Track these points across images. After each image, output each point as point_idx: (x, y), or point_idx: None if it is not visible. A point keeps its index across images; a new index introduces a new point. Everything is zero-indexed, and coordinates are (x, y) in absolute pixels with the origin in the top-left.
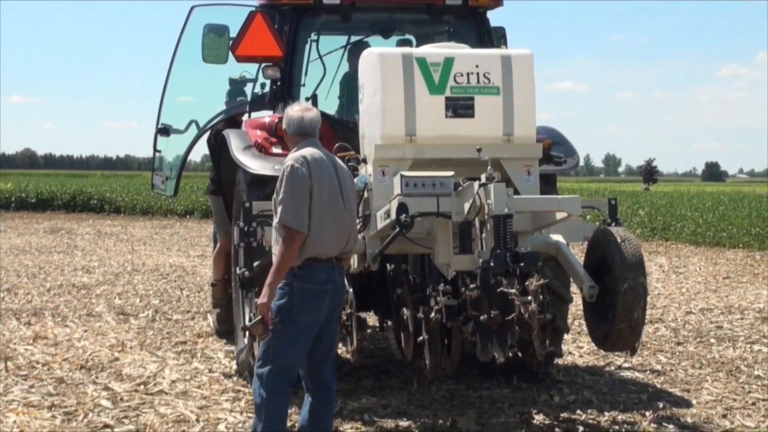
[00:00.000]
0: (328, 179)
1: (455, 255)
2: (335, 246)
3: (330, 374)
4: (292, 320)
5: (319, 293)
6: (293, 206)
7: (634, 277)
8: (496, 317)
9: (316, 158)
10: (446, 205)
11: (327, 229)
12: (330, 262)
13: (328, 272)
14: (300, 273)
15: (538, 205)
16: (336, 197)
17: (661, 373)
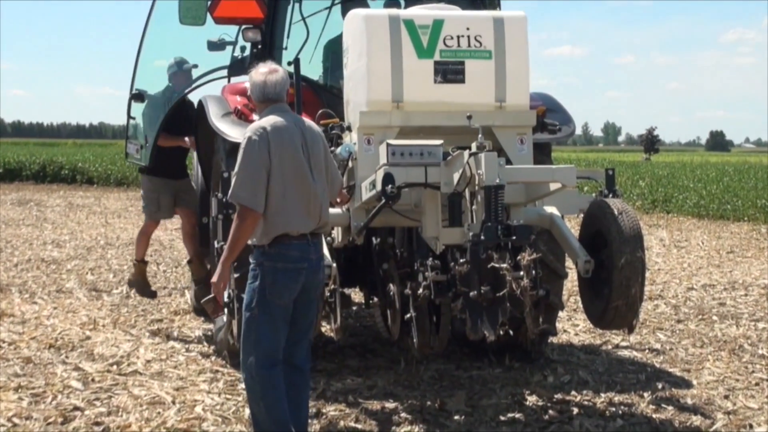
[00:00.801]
0: (291, 151)
1: (444, 228)
2: (306, 221)
3: (303, 357)
4: (265, 303)
5: (292, 272)
6: (246, 182)
7: (631, 251)
8: (486, 293)
9: (278, 128)
10: (435, 176)
11: (292, 205)
12: (303, 238)
13: (302, 249)
14: (270, 252)
15: (532, 176)
16: (302, 170)
17: (660, 353)
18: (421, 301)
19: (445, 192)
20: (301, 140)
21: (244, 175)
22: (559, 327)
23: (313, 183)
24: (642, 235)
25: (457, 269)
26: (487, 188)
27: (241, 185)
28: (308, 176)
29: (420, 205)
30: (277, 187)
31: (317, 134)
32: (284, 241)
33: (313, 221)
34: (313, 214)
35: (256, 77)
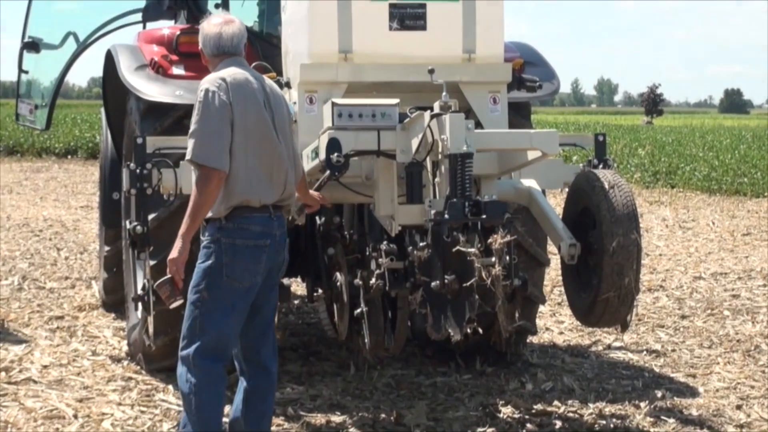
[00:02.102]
0: (255, 107)
1: (401, 205)
2: (269, 190)
3: (270, 354)
4: (221, 285)
5: (254, 250)
6: (207, 138)
7: (625, 233)
8: (451, 284)
9: (239, 80)
10: (389, 142)
11: (256, 169)
12: (266, 210)
13: (264, 223)
14: (228, 225)
15: (506, 142)
16: (266, 129)
17: (660, 354)
18: (374, 293)
19: (402, 161)
20: (263, 97)
21: (204, 130)
22: (539, 324)
23: (279, 145)
24: (637, 214)
25: (416, 255)
26: (453, 157)
27: (202, 143)
28: (274, 136)
29: (372, 178)
30: (238, 146)
31: (281, 96)
32: (244, 214)
33: (277, 190)
34: (278, 182)
35: (209, 29)
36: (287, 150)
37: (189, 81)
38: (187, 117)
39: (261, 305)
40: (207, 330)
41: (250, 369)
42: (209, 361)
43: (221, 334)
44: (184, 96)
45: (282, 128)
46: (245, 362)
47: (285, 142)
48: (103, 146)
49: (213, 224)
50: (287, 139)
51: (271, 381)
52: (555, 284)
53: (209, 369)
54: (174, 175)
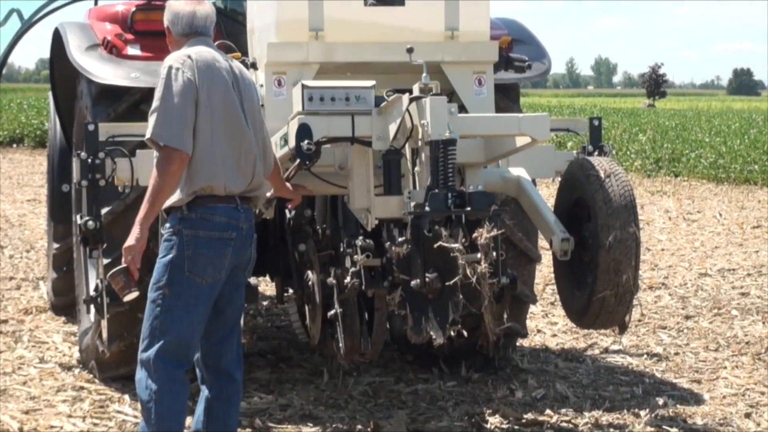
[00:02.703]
0: (222, 87)
1: (377, 197)
2: (236, 177)
3: (234, 360)
4: (183, 281)
5: (218, 243)
6: (170, 117)
7: (622, 226)
8: (433, 282)
9: (206, 59)
10: (365, 128)
11: (222, 154)
12: (232, 201)
13: (230, 214)
14: (190, 216)
15: (492, 127)
16: (234, 112)
17: (662, 358)
18: (349, 293)
19: (379, 149)
20: (232, 78)
21: (166, 108)
22: (530, 326)
23: (248, 131)
24: (635, 205)
25: (394, 251)
26: (434, 144)
27: (164, 121)
28: (242, 120)
29: (346, 167)
30: (203, 128)
31: (249, 78)
32: (208, 203)
33: (245, 179)
34: (246, 170)
35: (181, 7)
36: (256, 137)
37: (145, 62)
38: (144, 101)
39: (224, 306)
40: (168, 330)
41: (212, 376)
42: (171, 366)
43: (183, 335)
44: (140, 78)
45: (251, 113)
46: (206, 369)
47: (254, 128)
48: (52, 134)
49: (174, 215)
50: (257, 124)
51: (235, 389)
52: (547, 282)
53: (171, 374)
54: (129, 165)
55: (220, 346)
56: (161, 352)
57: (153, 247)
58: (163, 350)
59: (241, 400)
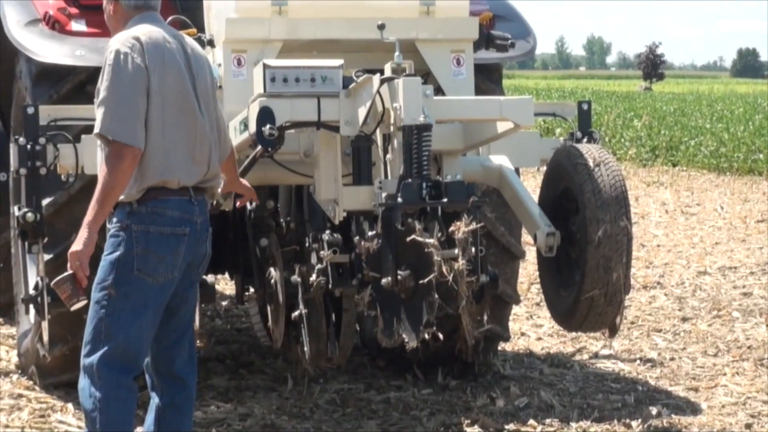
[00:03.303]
0: (174, 71)
1: (346, 187)
2: (190, 169)
3: (187, 364)
4: (131, 281)
5: (170, 239)
6: (120, 109)
7: (613, 220)
8: (406, 280)
9: (155, 40)
10: (332, 111)
11: (175, 145)
12: (185, 193)
13: (183, 208)
14: (140, 210)
15: (472, 111)
16: (187, 97)
17: (656, 364)
18: (315, 292)
19: (347, 135)
20: (184, 59)
21: (115, 100)
22: (513, 329)
23: (201, 117)
24: (627, 196)
25: (364, 246)
26: (408, 129)
27: (114, 114)
28: (195, 106)
29: (312, 155)
30: (155, 118)
31: (203, 58)
32: (159, 197)
33: (200, 169)
34: (200, 160)
35: None
36: (210, 122)
37: (92, 39)
38: (90, 82)
39: (177, 307)
40: (114, 334)
41: (164, 382)
42: (117, 372)
43: (131, 339)
44: (85, 57)
45: (205, 96)
46: (157, 374)
47: (208, 112)
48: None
49: (122, 209)
50: (210, 109)
51: (188, 396)
52: (532, 281)
53: (117, 381)
54: (74, 152)
55: (172, 350)
56: (106, 357)
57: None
58: (109, 355)
59: (197, 409)
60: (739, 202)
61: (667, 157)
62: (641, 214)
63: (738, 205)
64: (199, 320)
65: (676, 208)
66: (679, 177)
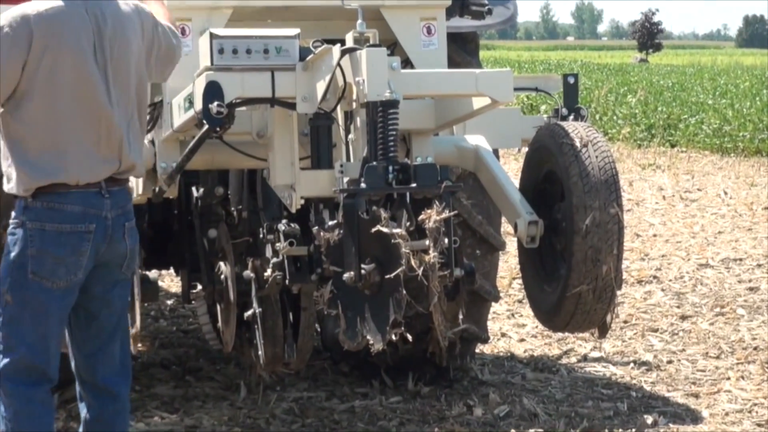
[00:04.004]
0: (74, 54)
1: (303, 171)
2: (96, 165)
3: (116, 373)
4: (27, 286)
5: (71, 238)
6: None
7: (602, 206)
8: (370, 275)
9: (53, 16)
10: (287, 86)
11: (74, 140)
12: (94, 186)
13: (87, 201)
14: (35, 205)
15: (444, 85)
16: (88, 86)
17: (652, 367)
18: (270, 289)
19: (305, 113)
20: (92, 36)
21: None
22: (492, 329)
23: (108, 103)
24: (618, 180)
25: (323, 237)
26: (372, 106)
27: None
28: (100, 95)
29: (265, 135)
30: (43, 109)
31: (124, 25)
32: (58, 190)
33: (109, 162)
34: (109, 155)
35: None
36: (125, 108)
37: None
38: None
39: (98, 311)
40: (15, 346)
41: (90, 394)
42: (25, 386)
43: (35, 350)
44: None
45: (120, 75)
46: (82, 385)
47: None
48: None
49: (19, 203)
50: (129, 90)
51: (119, 409)
52: (513, 275)
53: (26, 395)
54: None
55: (94, 358)
56: (9, 371)
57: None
58: (12, 369)
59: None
60: (744, 186)
61: (665, 137)
62: (635, 200)
63: (743, 190)
64: (141, 321)
65: (674, 194)
66: (677, 159)
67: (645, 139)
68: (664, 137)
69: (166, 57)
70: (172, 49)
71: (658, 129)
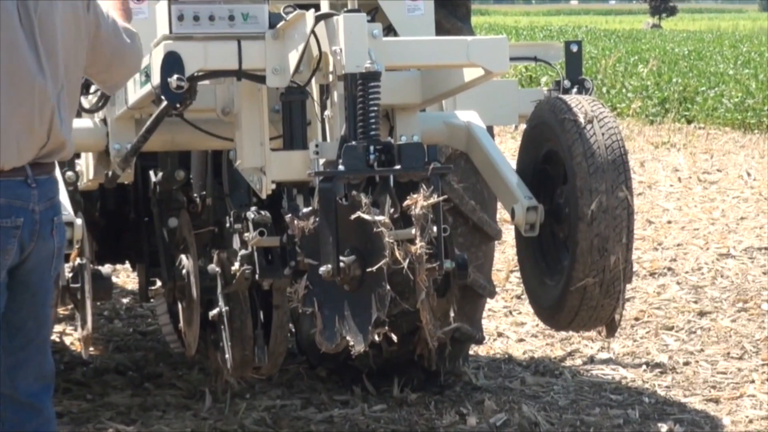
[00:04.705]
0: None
1: (274, 152)
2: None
3: (37, 387)
4: None
5: None
6: None
7: (609, 189)
8: (350, 268)
9: None
10: (256, 57)
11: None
12: (19, 173)
13: (14, 193)
14: None
15: (431, 55)
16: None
17: (667, 370)
18: (238, 284)
19: (276, 87)
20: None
21: None
22: (488, 328)
23: (41, 77)
24: (627, 160)
25: (298, 226)
26: (351, 78)
27: None
28: (31, 63)
29: (231, 112)
30: None
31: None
32: None
33: (37, 141)
34: (39, 130)
35: None
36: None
37: None
38: None
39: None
40: None
41: (9, 409)
42: None
43: None
44: None
45: (48, 39)
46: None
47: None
48: None
49: None
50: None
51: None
52: (511, 268)
53: None
54: None
55: (16, 372)
56: None
57: None
58: None
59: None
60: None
61: (680, 112)
62: (648, 182)
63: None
64: (93, 322)
65: (691, 175)
66: (694, 136)
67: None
68: (680, 112)
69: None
70: (123, 47)
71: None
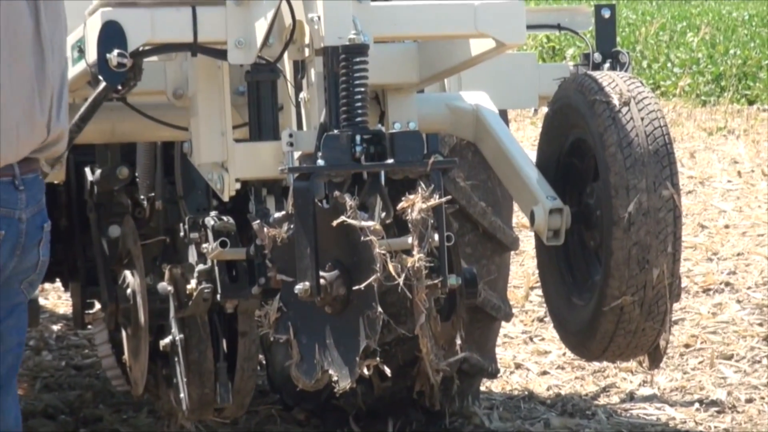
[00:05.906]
0: None
1: (239, 144)
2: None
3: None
4: None
5: None
6: None
7: (650, 187)
8: (332, 286)
9: None
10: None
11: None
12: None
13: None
14: None
15: (430, 24)
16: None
17: (726, 408)
18: (195, 307)
19: (239, 63)
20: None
21: None
22: (504, 358)
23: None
24: (672, 151)
25: (267, 235)
26: (332, 53)
27: None
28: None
29: (185, 95)
30: None
31: None
32: None
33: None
34: (41, 118)
35: None
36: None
37: None
38: None
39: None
40: None
41: None
42: None
43: None
44: None
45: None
46: None
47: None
48: None
49: None
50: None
51: None
52: (531, 284)
53: None
54: None
55: None
56: None
57: None
58: None
59: None
60: None
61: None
62: (699, 178)
63: None
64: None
65: (753, 169)
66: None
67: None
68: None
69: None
70: None
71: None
